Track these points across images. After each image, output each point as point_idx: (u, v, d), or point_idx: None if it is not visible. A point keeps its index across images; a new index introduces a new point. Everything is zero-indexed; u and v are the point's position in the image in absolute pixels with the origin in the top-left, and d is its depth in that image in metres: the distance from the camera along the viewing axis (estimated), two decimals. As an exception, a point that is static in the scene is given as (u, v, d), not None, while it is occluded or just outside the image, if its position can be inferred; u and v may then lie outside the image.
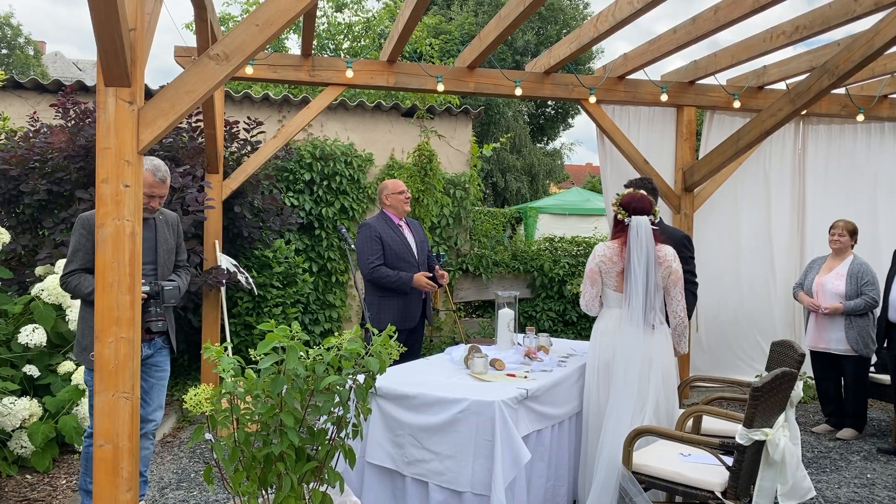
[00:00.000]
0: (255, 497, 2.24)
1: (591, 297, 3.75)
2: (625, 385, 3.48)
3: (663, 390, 3.57)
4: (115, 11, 2.24)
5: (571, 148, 41.55)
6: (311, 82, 5.94)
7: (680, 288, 3.67)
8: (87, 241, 3.24)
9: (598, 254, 3.70)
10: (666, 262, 3.61)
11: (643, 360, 3.51)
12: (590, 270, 3.72)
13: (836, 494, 4.30)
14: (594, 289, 3.73)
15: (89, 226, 3.25)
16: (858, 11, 4.64)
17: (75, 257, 3.29)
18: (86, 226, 3.28)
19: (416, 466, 3.23)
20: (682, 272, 3.84)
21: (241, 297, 6.44)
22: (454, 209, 8.08)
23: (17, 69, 29.98)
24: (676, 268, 3.64)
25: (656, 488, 3.25)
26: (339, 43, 13.60)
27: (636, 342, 3.51)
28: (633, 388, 3.47)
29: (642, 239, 3.54)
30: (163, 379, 3.61)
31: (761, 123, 5.59)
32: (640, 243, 3.53)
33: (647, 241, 3.53)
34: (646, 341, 3.53)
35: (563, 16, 24.44)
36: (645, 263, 3.51)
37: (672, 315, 3.70)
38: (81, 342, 3.36)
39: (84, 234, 3.28)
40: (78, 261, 3.28)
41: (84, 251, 3.27)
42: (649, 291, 3.51)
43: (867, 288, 5.22)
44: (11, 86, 7.07)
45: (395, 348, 2.39)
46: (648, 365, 3.53)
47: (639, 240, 3.54)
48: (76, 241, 3.29)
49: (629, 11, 4.73)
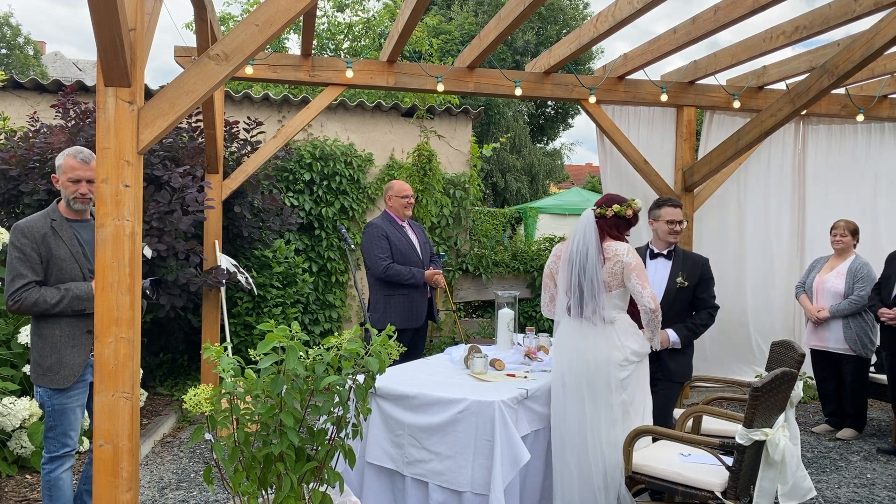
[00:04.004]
0: (254, 497, 2.24)
1: (545, 300, 3.76)
2: (563, 385, 3.37)
3: (616, 389, 3.34)
4: (115, 11, 2.23)
5: (571, 148, 41.60)
6: (311, 82, 5.94)
7: (639, 276, 3.38)
8: (33, 251, 2.98)
9: (552, 253, 3.68)
10: (615, 256, 3.40)
11: (580, 357, 3.35)
12: (544, 275, 3.75)
13: (836, 494, 4.30)
14: (547, 293, 3.74)
15: (31, 234, 2.99)
16: (858, 11, 4.64)
17: (23, 269, 2.97)
18: (27, 234, 2.99)
19: (416, 466, 3.23)
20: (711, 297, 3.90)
21: (241, 297, 6.44)
22: (454, 209, 8.08)
23: (16, 69, 29.97)
24: (629, 261, 3.39)
25: (656, 488, 3.25)
26: (339, 43, 13.61)
27: (572, 338, 3.40)
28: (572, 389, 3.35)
29: (580, 227, 3.43)
30: None
31: (761, 123, 5.59)
32: (578, 232, 3.42)
33: (586, 232, 3.40)
34: (585, 337, 3.37)
35: (563, 16, 24.45)
36: (580, 255, 3.37)
37: (641, 310, 3.42)
38: (42, 363, 3.04)
39: (27, 244, 2.99)
40: (29, 273, 2.97)
41: (32, 262, 2.98)
42: (586, 285, 3.34)
43: (858, 286, 5.23)
44: (11, 86, 7.07)
45: (395, 348, 2.39)
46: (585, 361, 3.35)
47: (577, 229, 3.44)
48: (20, 252, 2.98)
49: (629, 11, 4.73)
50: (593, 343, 3.37)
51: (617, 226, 3.55)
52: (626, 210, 3.54)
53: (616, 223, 3.54)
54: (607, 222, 3.52)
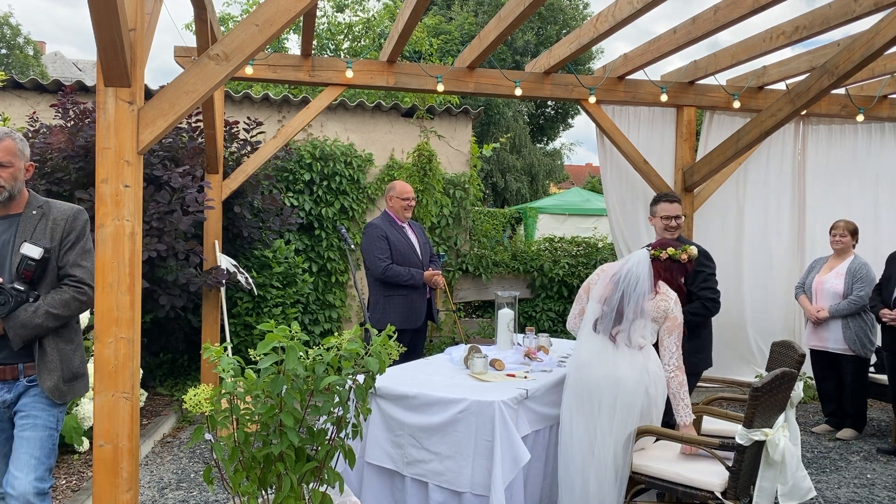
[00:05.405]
0: (254, 497, 2.24)
1: (574, 313, 3.70)
2: (576, 396, 3.35)
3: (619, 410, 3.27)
4: (115, 11, 2.24)
5: (571, 148, 41.61)
6: (311, 82, 5.94)
7: (678, 338, 3.37)
8: None
9: (599, 269, 3.64)
10: (665, 296, 3.39)
11: (601, 373, 3.31)
12: (581, 287, 3.69)
13: (835, 494, 4.30)
14: (578, 305, 3.68)
15: None
16: (858, 12, 4.64)
17: None
18: None
19: (416, 467, 3.23)
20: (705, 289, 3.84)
21: (241, 297, 6.44)
22: (454, 209, 8.08)
23: (16, 69, 29.96)
24: (677, 314, 3.38)
25: (656, 488, 3.25)
26: (339, 43, 13.61)
27: (596, 355, 3.35)
28: (579, 399, 3.32)
29: (635, 257, 3.42)
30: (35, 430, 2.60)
31: (761, 124, 5.59)
32: (633, 259, 3.42)
33: (641, 262, 3.39)
34: (611, 358, 3.32)
35: (563, 16, 24.45)
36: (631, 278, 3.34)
37: (664, 369, 3.37)
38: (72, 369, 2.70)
39: None
40: None
41: None
42: (628, 308, 3.31)
43: (857, 286, 5.23)
44: (11, 86, 7.07)
45: (395, 348, 2.39)
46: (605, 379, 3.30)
47: (632, 257, 3.44)
48: None
49: (629, 11, 4.73)
50: (614, 364, 3.31)
51: (670, 269, 3.50)
52: (681, 255, 3.52)
53: (669, 266, 3.50)
54: (661, 264, 3.49)
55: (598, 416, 3.27)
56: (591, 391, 3.30)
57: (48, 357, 2.63)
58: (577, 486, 3.27)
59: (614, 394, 3.25)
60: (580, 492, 3.26)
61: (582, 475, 3.27)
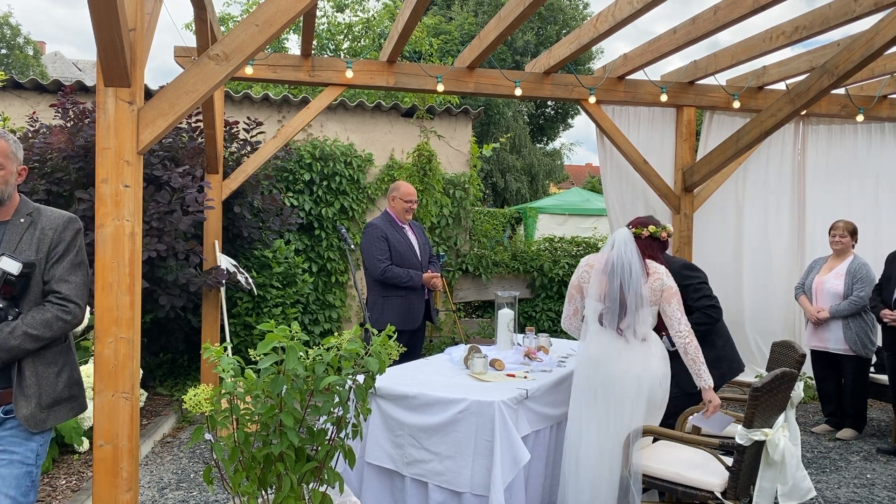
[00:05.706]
0: (254, 497, 2.24)
1: (568, 313, 3.69)
2: (590, 394, 3.33)
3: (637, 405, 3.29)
4: (115, 11, 2.24)
5: (571, 148, 41.56)
6: (311, 82, 5.94)
7: (679, 303, 3.40)
8: None
9: (581, 265, 3.61)
10: (656, 274, 3.42)
11: (617, 369, 3.31)
12: (570, 286, 3.66)
13: (835, 495, 4.30)
14: (571, 305, 3.66)
15: None
16: (858, 12, 4.64)
17: None
18: None
19: (416, 467, 3.23)
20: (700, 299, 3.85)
21: (241, 297, 6.44)
22: (454, 209, 8.08)
23: (16, 69, 29.96)
24: (671, 283, 3.42)
25: (656, 488, 3.25)
26: (339, 43, 13.60)
27: (605, 349, 3.34)
28: (592, 397, 3.31)
29: (619, 240, 3.41)
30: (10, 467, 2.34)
31: (761, 124, 5.59)
32: (618, 244, 3.40)
33: (627, 245, 3.38)
34: (619, 352, 3.33)
35: (563, 16, 24.44)
36: (623, 266, 3.33)
37: (675, 339, 3.38)
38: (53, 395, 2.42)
39: None
40: None
41: None
42: (629, 298, 3.31)
43: (857, 286, 5.23)
44: (11, 86, 7.07)
45: (395, 348, 2.39)
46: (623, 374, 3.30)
47: (616, 241, 3.42)
48: None
49: (629, 12, 4.73)
50: (627, 359, 3.31)
51: (652, 246, 3.60)
52: (661, 232, 3.60)
53: (651, 244, 3.60)
54: (643, 242, 3.56)
55: (619, 412, 3.27)
56: (608, 388, 3.30)
57: (26, 382, 2.35)
58: (586, 486, 3.27)
59: (636, 389, 3.27)
60: (589, 491, 3.26)
61: (593, 473, 3.27)
